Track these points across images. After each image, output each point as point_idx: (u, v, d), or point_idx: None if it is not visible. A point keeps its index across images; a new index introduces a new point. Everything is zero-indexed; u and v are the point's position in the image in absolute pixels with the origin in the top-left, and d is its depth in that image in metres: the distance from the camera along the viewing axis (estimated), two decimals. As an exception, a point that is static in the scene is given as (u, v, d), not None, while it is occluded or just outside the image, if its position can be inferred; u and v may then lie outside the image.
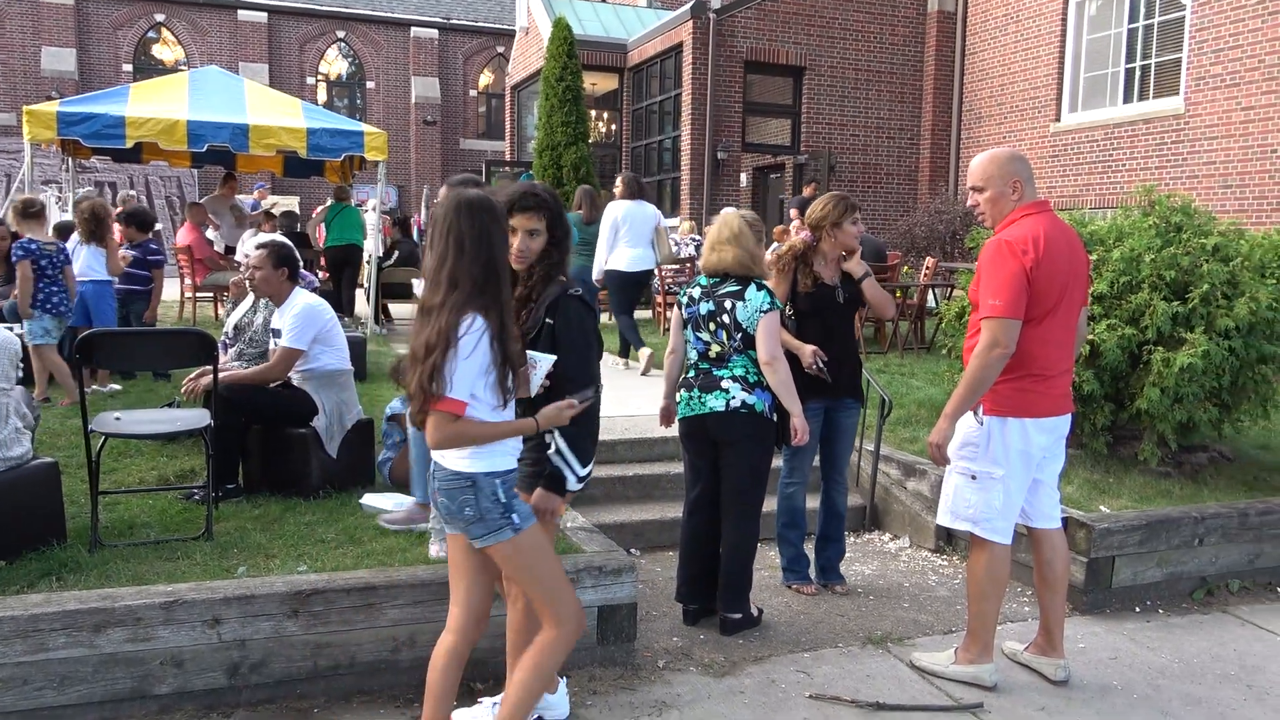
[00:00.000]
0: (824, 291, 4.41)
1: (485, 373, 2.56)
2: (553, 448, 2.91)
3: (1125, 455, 5.41)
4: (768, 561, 4.81)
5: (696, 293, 4.07)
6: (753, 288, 3.95)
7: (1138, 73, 13.14)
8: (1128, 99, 13.28)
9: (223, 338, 5.23)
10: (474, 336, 2.52)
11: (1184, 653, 4.05)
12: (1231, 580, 4.77)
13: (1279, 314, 5.08)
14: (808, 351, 4.26)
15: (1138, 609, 4.51)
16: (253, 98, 9.78)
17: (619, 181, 8.51)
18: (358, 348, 6.69)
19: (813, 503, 4.69)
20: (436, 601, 3.40)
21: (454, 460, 2.65)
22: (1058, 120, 14.18)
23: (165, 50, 26.90)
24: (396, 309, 12.18)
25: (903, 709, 3.45)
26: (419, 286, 2.93)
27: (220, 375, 4.35)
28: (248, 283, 4.89)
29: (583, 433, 2.91)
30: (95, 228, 6.99)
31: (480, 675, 3.47)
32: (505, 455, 2.69)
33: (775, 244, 11.11)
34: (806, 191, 13.71)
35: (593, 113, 17.25)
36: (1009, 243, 3.40)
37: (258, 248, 4.75)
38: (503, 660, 3.47)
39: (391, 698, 3.37)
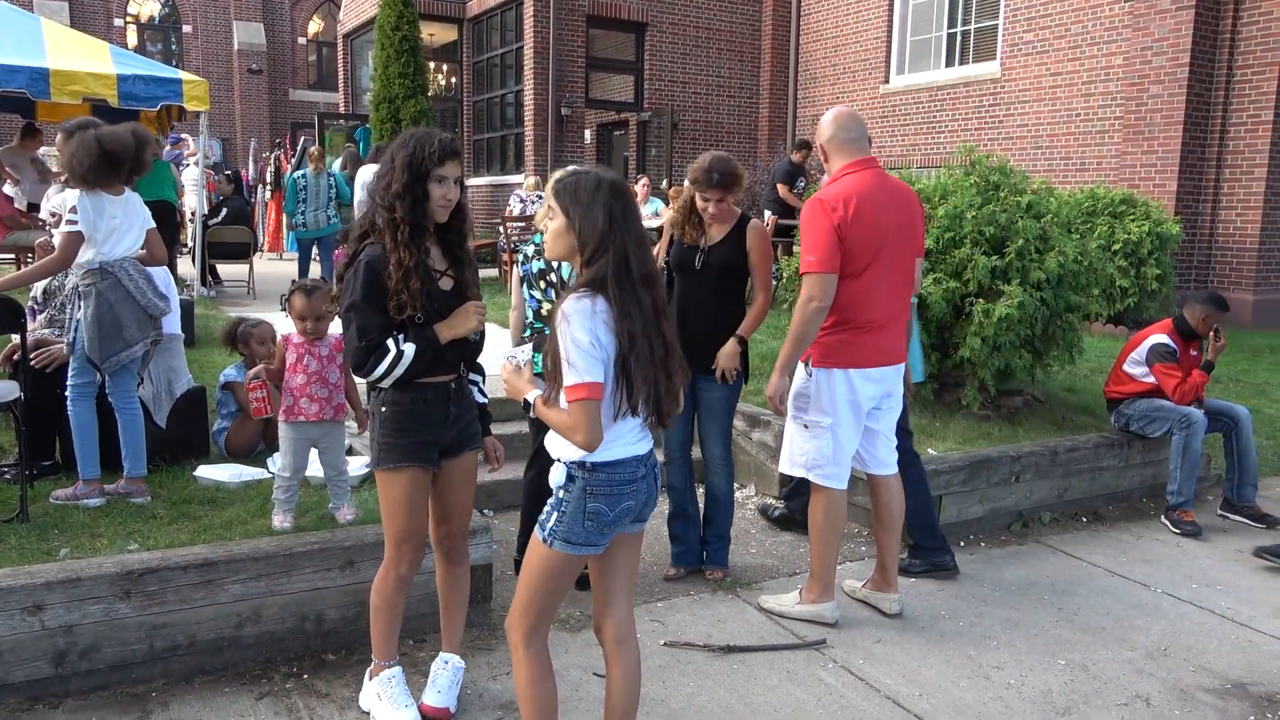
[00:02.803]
0: (685, 251, 4.19)
1: None
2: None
3: (950, 400, 5.77)
4: (620, 516, 4.87)
5: (530, 250, 4.02)
6: None
7: (959, 38, 13.81)
8: (950, 63, 13.96)
9: (30, 303, 4.83)
10: None
11: (1003, 581, 4.39)
12: (1044, 512, 5.20)
13: (1083, 266, 5.52)
14: None
15: (962, 543, 4.85)
16: (53, 39, 8.91)
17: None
18: (185, 311, 6.31)
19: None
20: (282, 574, 3.29)
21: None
22: (886, 82, 14.75)
23: (-57, -17, 24.19)
24: (226, 269, 11.52)
25: (752, 649, 3.60)
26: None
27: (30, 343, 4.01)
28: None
29: None
30: None
31: (333, 647, 3.41)
32: None
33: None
34: (796, 158, 11.63)
35: (431, 65, 16.70)
36: (822, 200, 3.54)
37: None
38: (359, 629, 3.41)
39: (237, 675, 3.25)
